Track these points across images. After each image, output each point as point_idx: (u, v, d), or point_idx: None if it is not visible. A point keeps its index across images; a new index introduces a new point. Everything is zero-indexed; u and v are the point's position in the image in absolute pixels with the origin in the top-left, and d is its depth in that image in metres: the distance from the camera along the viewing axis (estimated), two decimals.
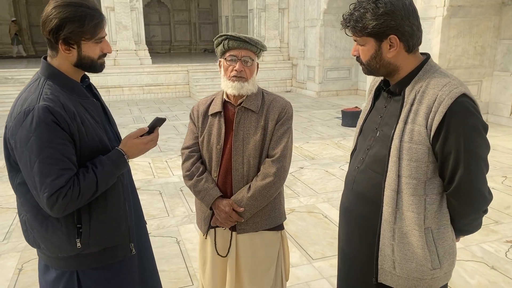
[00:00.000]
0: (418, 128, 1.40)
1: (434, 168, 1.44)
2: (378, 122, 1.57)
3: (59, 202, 1.39)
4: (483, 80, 8.05)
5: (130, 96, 11.98)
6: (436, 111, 1.36)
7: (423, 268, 1.47)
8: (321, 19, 11.51)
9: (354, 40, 1.51)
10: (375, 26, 1.39)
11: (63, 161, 1.42)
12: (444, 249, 1.50)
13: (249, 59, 1.86)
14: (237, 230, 1.95)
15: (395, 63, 1.47)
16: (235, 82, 1.85)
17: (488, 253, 3.32)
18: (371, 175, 1.56)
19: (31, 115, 1.38)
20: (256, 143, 1.88)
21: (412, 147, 1.41)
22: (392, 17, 1.38)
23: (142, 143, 1.63)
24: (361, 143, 1.66)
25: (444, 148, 1.38)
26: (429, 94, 1.40)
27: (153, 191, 4.81)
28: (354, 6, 1.45)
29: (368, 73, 1.54)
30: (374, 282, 1.56)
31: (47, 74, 1.51)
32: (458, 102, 1.34)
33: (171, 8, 22.20)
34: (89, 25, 1.46)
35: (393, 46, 1.43)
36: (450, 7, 7.29)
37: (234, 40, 1.83)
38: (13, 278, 3.04)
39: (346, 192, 1.70)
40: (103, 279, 1.63)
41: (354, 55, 1.53)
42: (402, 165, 1.43)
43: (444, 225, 1.49)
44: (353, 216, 1.65)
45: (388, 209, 1.49)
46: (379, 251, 1.53)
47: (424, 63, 1.48)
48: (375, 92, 1.66)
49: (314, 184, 4.98)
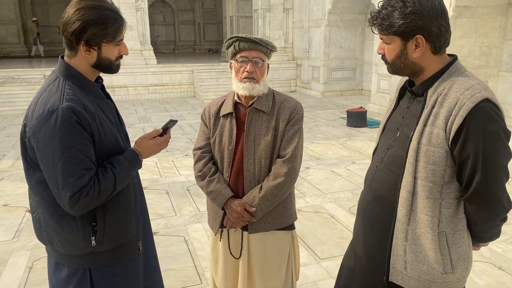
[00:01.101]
0: (437, 131, 1.38)
1: (452, 172, 1.42)
2: (400, 122, 1.56)
3: (80, 201, 1.42)
4: (488, 80, 8.03)
5: (135, 96, 12.03)
6: (456, 115, 1.33)
7: (434, 271, 1.47)
8: (326, 19, 11.51)
9: (380, 38, 1.49)
10: (401, 25, 1.38)
11: (85, 161, 1.44)
12: (458, 254, 1.48)
13: (260, 60, 1.88)
14: (248, 230, 1.96)
15: (420, 64, 1.45)
16: (246, 83, 1.87)
17: (495, 253, 3.32)
18: (388, 175, 1.56)
19: (55, 115, 1.41)
20: (267, 143, 1.90)
21: (429, 149, 1.40)
22: (420, 16, 1.37)
23: (156, 144, 1.68)
24: (382, 142, 1.66)
25: (462, 152, 1.36)
26: (450, 97, 1.37)
27: (160, 190, 4.84)
28: (382, 4, 1.43)
29: (393, 72, 1.52)
30: (385, 280, 1.57)
31: (66, 74, 1.53)
32: (480, 107, 1.31)
33: (175, 8, 22.25)
34: (111, 28, 1.49)
35: (419, 46, 1.41)
36: (456, 7, 7.28)
37: (245, 42, 1.85)
38: (23, 276, 3.07)
39: (365, 190, 1.71)
40: (114, 276, 1.65)
41: (380, 53, 1.52)
42: (418, 167, 1.42)
43: (460, 230, 1.47)
44: (369, 215, 1.66)
45: (402, 210, 1.49)
46: (392, 250, 1.54)
47: (449, 65, 1.45)
48: (400, 91, 1.64)
49: (320, 184, 4.99)
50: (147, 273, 1.80)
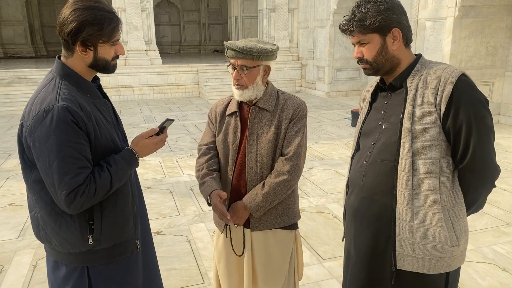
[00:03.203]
0: (428, 109, 1.49)
1: (446, 147, 1.52)
2: (382, 117, 1.64)
3: (76, 199, 1.43)
4: (494, 81, 7.98)
5: (140, 96, 12.08)
6: (443, 90, 1.47)
7: (443, 245, 1.52)
8: (331, 19, 11.48)
9: (356, 43, 1.60)
10: (380, 21, 1.51)
11: (81, 160, 1.45)
12: (460, 226, 1.56)
13: (245, 67, 1.88)
14: (251, 227, 1.98)
15: (398, 56, 1.58)
16: (236, 89, 1.93)
17: (499, 255, 3.30)
18: (382, 164, 1.60)
19: (50, 114, 1.42)
20: (270, 141, 1.92)
21: (423, 127, 1.49)
22: (393, 11, 1.53)
23: (152, 143, 1.68)
24: (365, 142, 1.71)
25: (456, 122, 1.47)
26: (432, 78, 1.52)
27: (164, 190, 4.86)
28: (353, 10, 1.57)
29: (373, 72, 1.61)
30: (393, 269, 1.58)
31: (62, 74, 1.54)
32: (462, 80, 1.47)
33: (181, 9, 22.32)
34: (107, 28, 1.50)
35: (396, 38, 1.55)
36: (462, 7, 7.24)
37: (230, 50, 1.88)
38: (28, 274, 3.10)
39: (356, 190, 1.71)
40: (112, 275, 1.67)
41: (358, 57, 1.61)
42: (416, 146, 1.51)
43: (458, 203, 1.55)
44: (364, 213, 1.67)
45: (404, 192, 1.53)
46: (396, 236, 1.56)
47: (419, 58, 1.61)
48: (371, 95, 1.74)
49: (324, 184, 4.99)
50: (146, 271, 1.81)
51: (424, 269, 1.54)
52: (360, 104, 1.85)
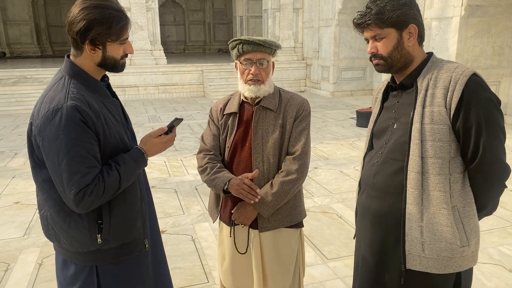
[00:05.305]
0: (438, 109, 1.48)
1: (456, 147, 1.50)
2: (393, 116, 1.63)
3: (85, 199, 1.43)
4: (501, 80, 7.92)
5: (145, 95, 12.12)
6: (453, 90, 1.45)
7: (453, 246, 1.51)
8: (336, 19, 11.46)
9: (371, 37, 1.56)
10: (399, 15, 1.49)
11: (89, 159, 1.45)
12: (470, 226, 1.54)
13: (265, 61, 1.88)
14: (259, 228, 1.97)
15: (412, 53, 1.56)
16: (251, 85, 1.89)
17: (505, 256, 3.28)
18: (392, 164, 1.59)
19: (59, 113, 1.42)
20: (275, 141, 1.91)
21: (433, 127, 1.48)
22: (410, 6, 1.51)
23: (161, 142, 1.67)
24: (377, 142, 1.70)
25: (466, 122, 1.45)
26: (443, 77, 1.49)
27: (169, 189, 4.87)
28: (368, 5, 1.54)
29: (387, 67, 1.58)
30: (403, 269, 1.57)
31: (71, 73, 1.54)
32: (473, 79, 1.45)
33: (186, 9, 22.36)
34: (116, 27, 1.50)
35: (412, 35, 1.53)
36: (468, 6, 7.19)
37: (248, 44, 1.85)
38: (33, 272, 3.11)
39: (367, 189, 1.71)
40: (121, 274, 1.67)
41: (372, 52, 1.57)
42: (425, 146, 1.49)
43: (469, 203, 1.54)
44: (374, 212, 1.66)
45: (414, 192, 1.52)
46: (406, 236, 1.55)
47: (430, 56, 1.59)
48: (383, 94, 1.73)
49: (329, 184, 4.98)
50: (156, 271, 1.81)
51: (433, 269, 1.53)
52: (373, 103, 1.83)
